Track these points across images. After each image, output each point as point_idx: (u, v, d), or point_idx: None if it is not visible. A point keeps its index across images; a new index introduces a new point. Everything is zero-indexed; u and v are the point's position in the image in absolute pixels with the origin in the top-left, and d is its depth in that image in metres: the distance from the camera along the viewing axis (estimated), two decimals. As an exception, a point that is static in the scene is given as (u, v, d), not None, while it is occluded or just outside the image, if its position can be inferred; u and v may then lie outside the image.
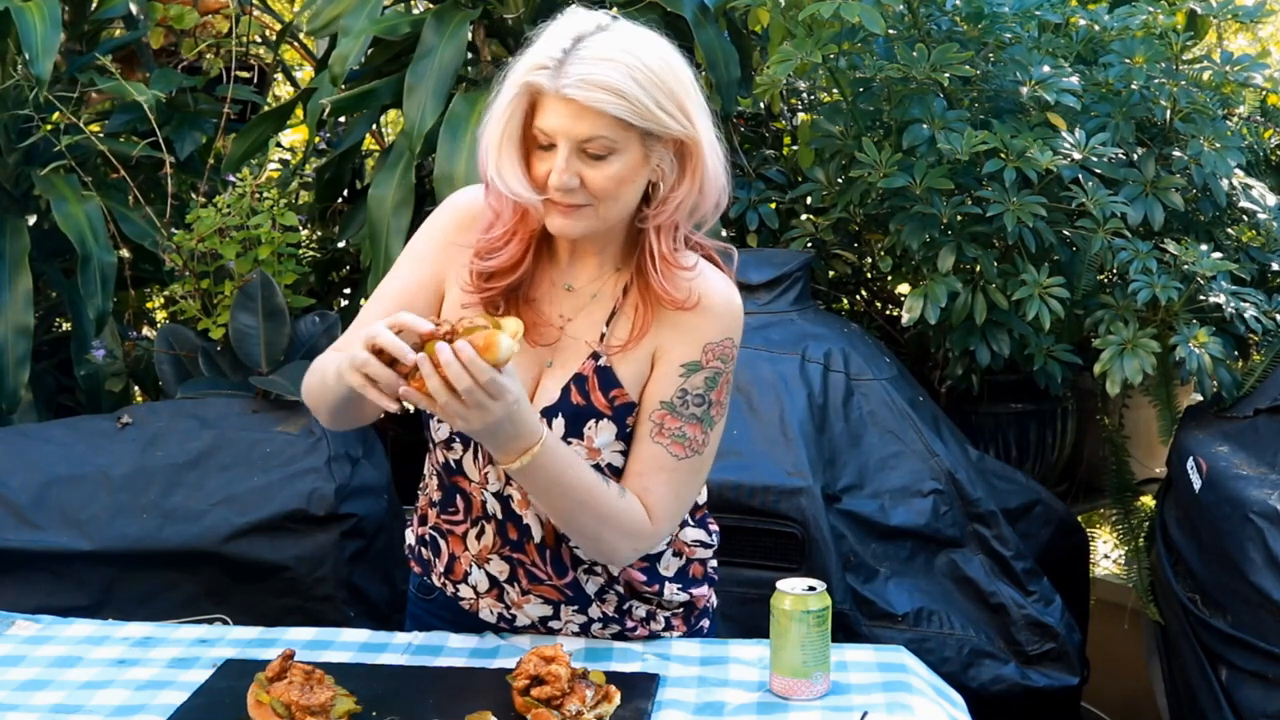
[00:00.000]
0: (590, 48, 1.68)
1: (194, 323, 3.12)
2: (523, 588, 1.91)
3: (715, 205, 1.81)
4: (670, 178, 1.77)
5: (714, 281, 1.83)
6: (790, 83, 3.66)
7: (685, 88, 1.74)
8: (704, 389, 1.81)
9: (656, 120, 1.70)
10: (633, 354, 1.82)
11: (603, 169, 1.71)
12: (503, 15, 3.41)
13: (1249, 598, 2.46)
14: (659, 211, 1.78)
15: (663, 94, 1.70)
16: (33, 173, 3.25)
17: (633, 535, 1.81)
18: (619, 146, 1.70)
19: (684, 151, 1.76)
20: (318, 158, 3.89)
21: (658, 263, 1.79)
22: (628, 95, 1.67)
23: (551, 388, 1.83)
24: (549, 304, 1.86)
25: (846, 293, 3.77)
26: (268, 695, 1.66)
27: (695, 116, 1.75)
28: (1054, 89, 2.97)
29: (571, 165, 1.70)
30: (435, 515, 1.96)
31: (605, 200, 1.73)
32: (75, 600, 2.63)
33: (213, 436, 2.80)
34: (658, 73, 1.70)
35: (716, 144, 1.79)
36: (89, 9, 3.60)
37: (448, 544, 1.95)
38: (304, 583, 2.70)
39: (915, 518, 2.80)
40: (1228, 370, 2.84)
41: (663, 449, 1.81)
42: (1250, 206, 3.10)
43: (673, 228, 1.80)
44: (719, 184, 1.80)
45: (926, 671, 1.89)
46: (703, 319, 1.81)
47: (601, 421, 1.81)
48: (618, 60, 1.68)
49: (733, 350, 1.83)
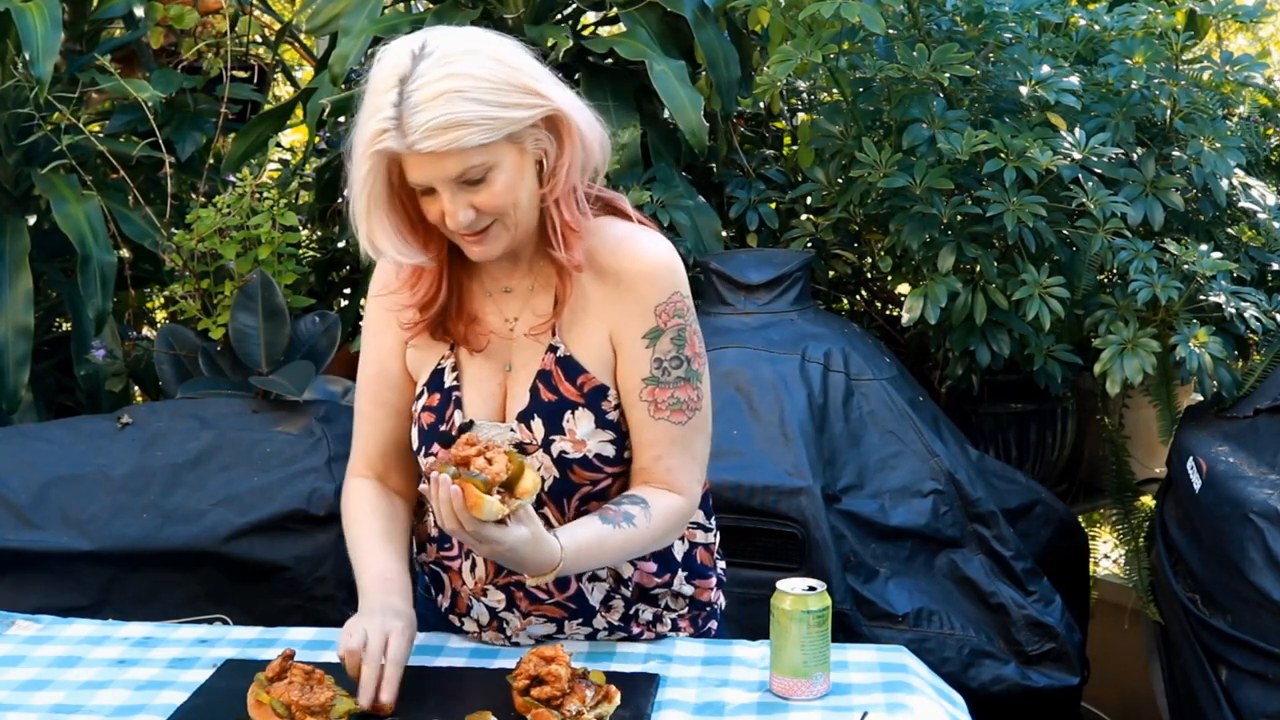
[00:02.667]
0: (417, 90, 1.65)
1: (194, 323, 3.12)
2: (522, 611, 1.91)
3: (603, 153, 1.81)
4: (553, 151, 1.76)
5: (640, 244, 1.83)
6: (790, 83, 3.66)
7: (523, 71, 1.72)
8: (675, 350, 1.82)
9: (511, 120, 1.68)
10: (586, 335, 1.83)
11: (489, 189, 1.70)
12: (503, 15, 3.41)
13: (1249, 598, 2.46)
14: (553, 185, 1.77)
15: (504, 93, 1.68)
16: (33, 173, 3.25)
17: (673, 530, 1.87)
18: (493, 162, 1.69)
19: (553, 123, 1.75)
20: (318, 158, 3.89)
21: (561, 233, 1.79)
22: (473, 121, 1.65)
23: (519, 392, 1.84)
24: (491, 313, 1.87)
25: (846, 293, 3.77)
26: (268, 695, 1.66)
27: (545, 89, 1.73)
28: (1054, 89, 2.97)
29: (459, 200, 1.70)
30: (434, 551, 1.96)
31: (507, 212, 1.73)
32: (75, 600, 2.63)
33: (213, 436, 2.80)
34: (489, 77, 1.68)
35: (579, 100, 1.78)
36: (89, 9, 3.59)
37: (449, 579, 1.95)
38: (304, 583, 2.70)
39: (915, 518, 2.79)
40: (1228, 370, 2.84)
41: (667, 423, 1.82)
42: (1250, 206, 3.10)
43: (570, 193, 1.80)
44: (597, 133, 1.79)
45: (927, 671, 1.89)
46: (642, 285, 1.81)
47: (578, 411, 1.82)
48: (447, 90, 1.65)
49: (684, 302, 1.84)
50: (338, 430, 2.78)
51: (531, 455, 1.82)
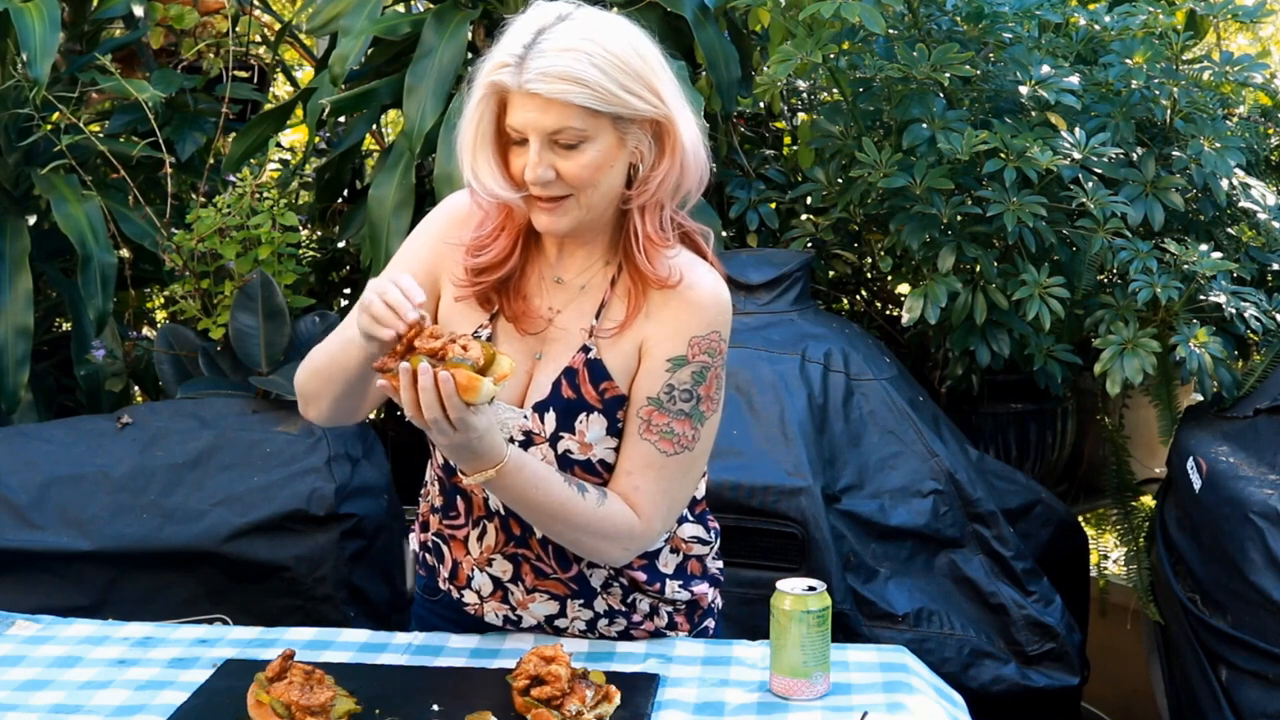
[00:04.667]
0: (550, 39, 1.69)
1: (194, 323, 3.12)
2: (527, 586, 1.91)
3: (699, 181, 1.81)
4: (650, 158, 1.76)
5: (701, 275, 1.83)
6: (790, 83, 3.67)
7: (652, 68, 1.74)
8: (691, 384, 1.81)
9: (624, 104, 1.70)
10: (621, 345, 1.82)
11: (577, 158, 1.71)
12: (503, 15, 3.39)
13: (1249, 598, 2.46)
14: (641, 192, 1.78)
15: (628, 77, 1.70)
16: (33, 173, 3.25)
17: (618, 538, 1.81)
18: (590, 134, 1.71)
19: (660, 131, 1.76)
20: (318, 158, 3.90)
21: (642, 242, 1.79)
22: (590, 83, 1.67)
23: (543, 382, 1.84)
24: (539, 297, 1.87)
25: (846, 293, 3.77)
26: (268, 695, 1.66)
27: (666, 95, 1.74)
28: (1054, 89, 2.97)
29: (544, 158, 1.71)
30: (437, 521, 1.96)
31: (584, 189, 1.74)
32: (75, 600, 2.63)
33: (213, 436, 2.80)
34: (621, 56, 1.70)
35: (693, 120, 1.79)
36: (89, 9, 3.60)
37: (450, 550, 1.95)
38: (304, 583, 2.70)
39: (915, 518, 2.80)
40: (1228, 370, 2.84)
41: (651, 446, 1.81)
42: (1250, 206, 3.10)
43: (657, 208, 1.80)
44: (699, 159, 1.80)
45: (927, 671, 1.89)
46: (688, 312, 1.80)
47: (592, 415, 1.81)
48: (578, 49, 1.68)
49: (720, 345, 1.83)
50: (338, 430, 2.78)
51: (536, 447, 1.82)
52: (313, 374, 1.88)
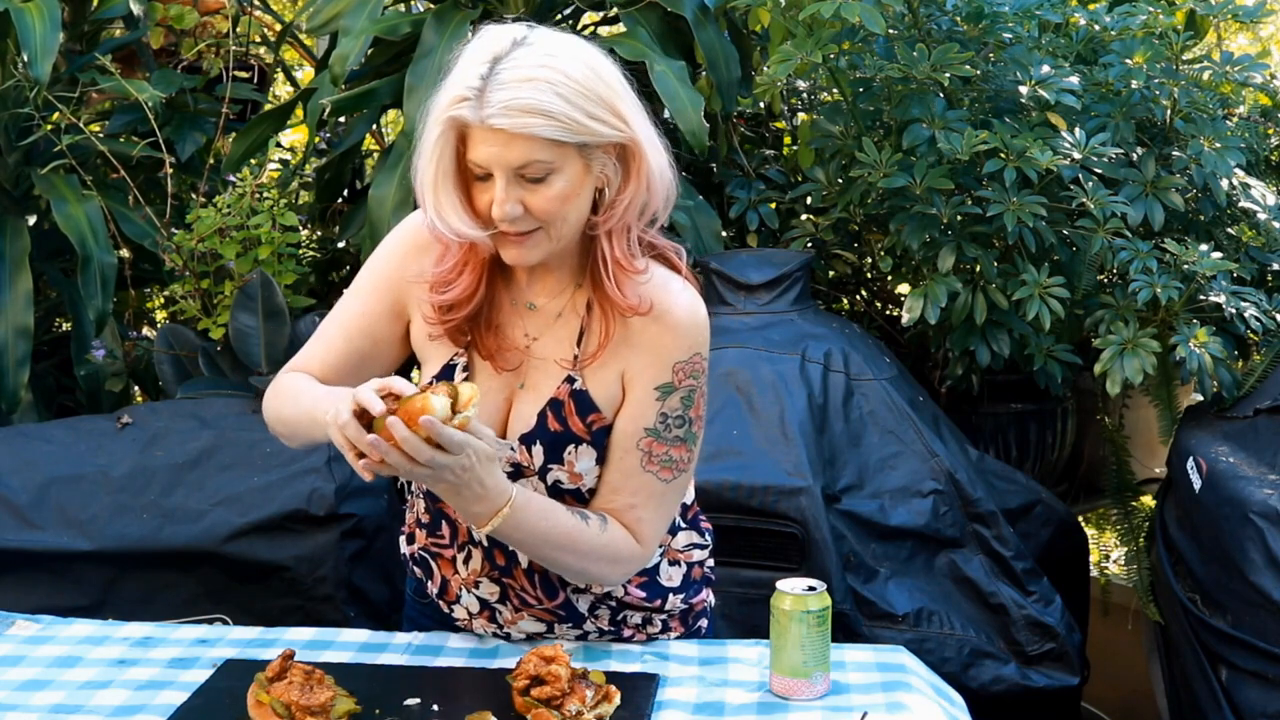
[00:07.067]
0: (509, 69, 1.63)
1: (194, 323, 3.12)
2: (514, 607, 1.90)
3: (665, 200, 1.77)
4: (616, 181, 1.72)
5: (676, 296, 1.78)
6: (790, 83, 3.67)
7: (615, 90, 1.69)
8: (682, 409, 1.79)
9: (589, 131, 1.65)
10: (603, 374, 1.79)
11: (544, 191, 1.67)
12: (503, 15, 3.41)
13: (1249, 598, 2.46)
14: (608, 216, 1.74)
15: (591, 103, 1.65)
16: (33, 173, 3.25)
17: (620, 562, 1.81)
18: (557, 165, 1.66)
19: (625, 154, 1.72)
20: (318, 158, 3.89)
21: (610, 268, 1.75)
22: (554, 114, 1.62)
23: (527, 413, 1.81)
24: (513, 326, 1.84)
25: (846, 293, 3.77)
26: (268, 695, 1.66)
27: (630, 118, 1.70)
28: (1054, 89, 2.97)
29: (512, 193, 1.66)
30: (424, 537, 1.95)
31: (553, 222, 1.69)
32: (75, 600, 2.63)
33: (213, 436, 2.80)
34: (583, 82, 1.65)
35: (657, 139, 1.74)
36: (89, 9, 3.60)
37: (439, 567, 1.94)
38: (304, 583, 2.70)
39: (915, 518, 2.79)
40: (1228, 370, 2.84)
41: (654, 478, 1.79)
42: (1250, 206, 3.10)
43: (624, 230, 1.76)
44: (665, 179, 1.76)
45: (926, 671, 1.89)
46: (668, 336, 1.77)
47: (581, 446, 1.79)
48: (538, 78, 1.62)
49: (702, 364, 1.81)
50: (338, 430, 2.78)
51: (527, 479, 1.81)
52: (280, 422, 1.85)
